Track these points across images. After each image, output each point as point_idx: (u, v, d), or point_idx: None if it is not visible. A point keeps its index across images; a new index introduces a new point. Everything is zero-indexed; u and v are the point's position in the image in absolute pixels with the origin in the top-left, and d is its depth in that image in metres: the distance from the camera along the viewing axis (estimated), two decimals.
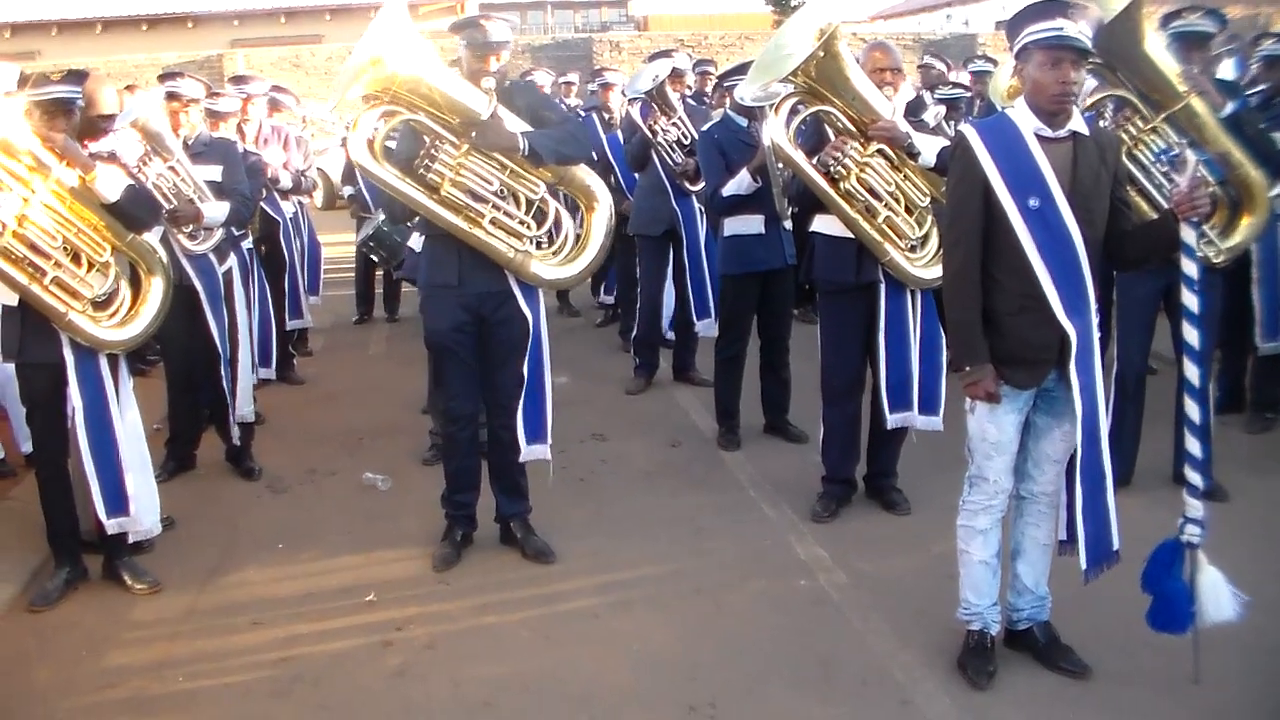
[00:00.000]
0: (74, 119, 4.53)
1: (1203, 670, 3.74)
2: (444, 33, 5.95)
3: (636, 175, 7.63)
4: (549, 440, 4.92)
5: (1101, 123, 5.21)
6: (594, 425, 6.80)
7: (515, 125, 4.43)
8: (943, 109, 7.41)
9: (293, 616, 4.50)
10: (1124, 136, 5.11)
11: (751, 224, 6.05)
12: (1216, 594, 3.67)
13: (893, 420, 5.18)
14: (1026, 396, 3.75)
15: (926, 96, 7.49)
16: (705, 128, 6.31)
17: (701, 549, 5.04)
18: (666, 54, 7.82)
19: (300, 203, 8.29)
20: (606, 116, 8.77)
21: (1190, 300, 3.62)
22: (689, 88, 8.51)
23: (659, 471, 6.07)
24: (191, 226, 5.50)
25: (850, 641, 4.19)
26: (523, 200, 4.55)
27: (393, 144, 4.48)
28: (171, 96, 5.74)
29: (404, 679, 4.00)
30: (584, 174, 4.69)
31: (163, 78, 5.95)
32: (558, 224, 4.65)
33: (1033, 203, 3.59)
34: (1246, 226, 5.24)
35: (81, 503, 4.71)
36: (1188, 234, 3.57)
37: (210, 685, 4.00)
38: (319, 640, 4.29)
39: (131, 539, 4.83)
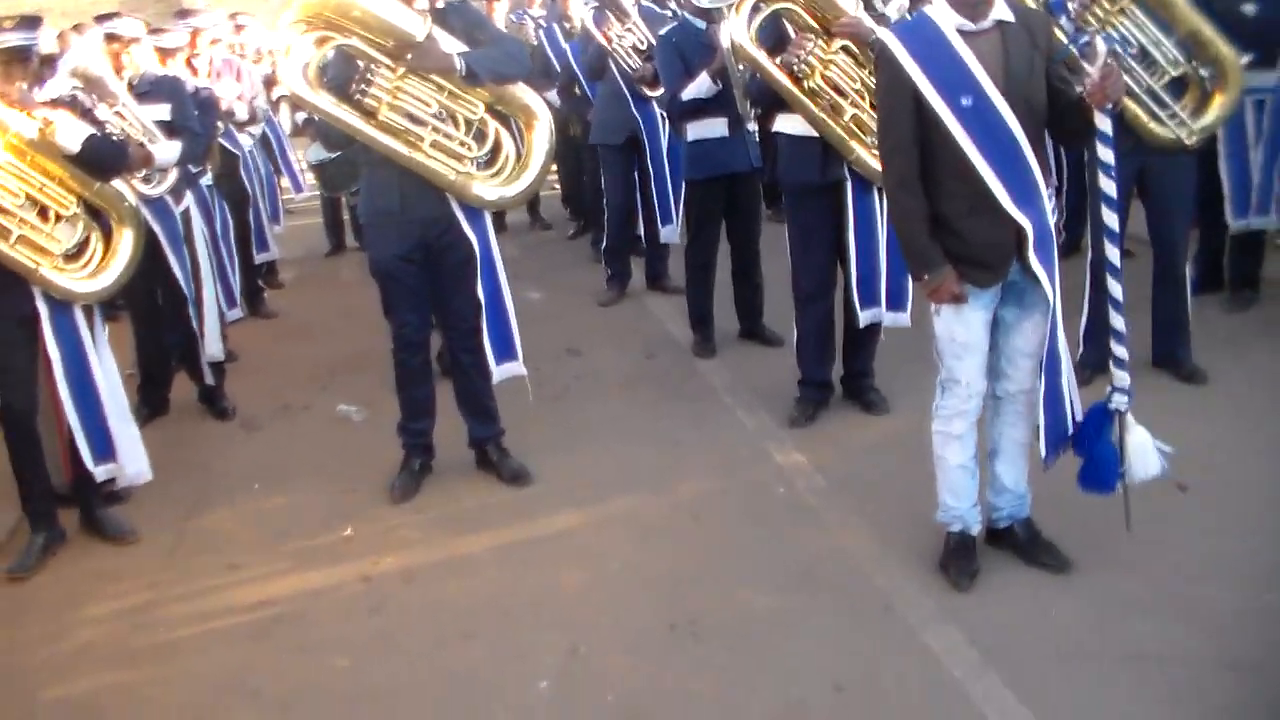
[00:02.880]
0: (30, 68, 4.44)
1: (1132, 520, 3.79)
2: None
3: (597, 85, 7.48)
4: (519, 356, 4.85)
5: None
6: (567, 340, 6.73)
7: (451, 46, 4.31)
8: (906, 1, 7.23)
9: (270, 557, 4.47)
10: (1091, 19, 5.00)
11: (714, 127, 5.92)
12: (1144, 453, 3.70)
13: (864, 317, 5.11)
14: (992, 293, 3.67)
15: None
16: (663, 32, 6.18)
17: (679, 462, 5.01)
18: None
19: (256, 135, 8.11)
20: (567, 26, 8.58)
21: (1107, 185, 3.55)
22: None
23: (634, 383, 6.02)
24: (144, 170, 5.36)
25: (830, 548, 4.17)
26: (462, 121, 4.43)
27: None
28: (110, 38, 5.54)
29: (382, 615, 3.98)
30: (522, 92, 4.56)
31: (99, 19, 5.76)
32: (498, 144, 4.53)
33: (965, 101, 3.46)
34: (1219, 105, 5.17)
35: (51, 457, 4.67)
36: (1102, 122, 3.47)
37: (191, 633, 3.98)
38: (297, 580, 4.27)
39: (121, 484, 4.81)
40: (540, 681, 3.50)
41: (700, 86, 5.72)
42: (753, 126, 6.00)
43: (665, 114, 6.91)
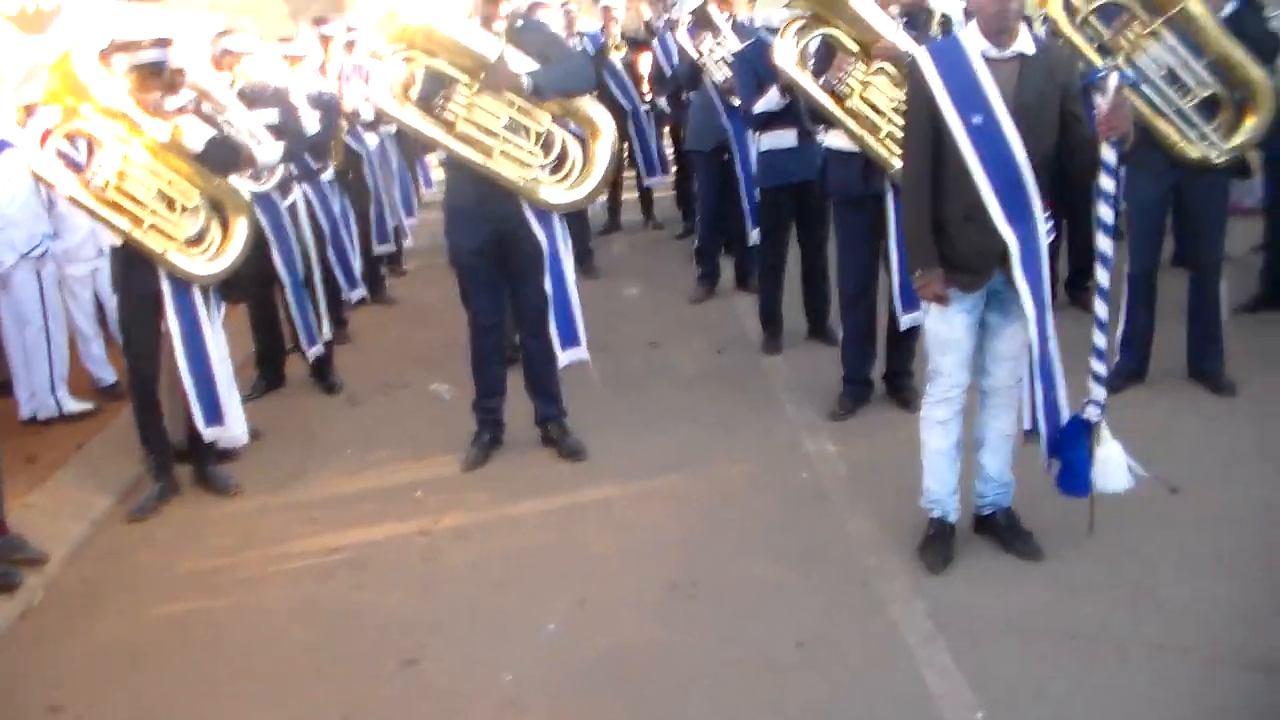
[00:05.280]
0: (163, 80, 5.14)
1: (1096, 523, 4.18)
2: None
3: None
4: (583, 343, 5.38)
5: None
6: (653, 334, 7.28)
7: (521, 65, 4.85)
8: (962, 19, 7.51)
9: (347, 513, 5.10)
10: (1124, 42, 5.25)
11: (784, 138, 6.35)
12: (1108, 466, 4.03)
13: (905, 320, 5.50)
14: (975, 298, 4.04)
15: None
16: (740, 47, 6.62)
17: (723, 446, 5.48)
18: None
19: (384, 134, 8.78)
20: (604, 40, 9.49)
21: (1105, 213, 3.88)
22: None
23: (702, 376, 6.51)
24: (250, 170, 6.03)
25: (833, 529, 4.60)
26: (531, 132, 4.97)
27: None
28: (225, 52, 6.28)
29: (432, 563, 4.58)
30: (588, 105, 5.09)
31: (218, 35, 6.49)
32: (564, 152, 5.06)
33: (976, 119, 3.84)
34: (1250, 127, 5.34)
35: (173, 418, 5.38)
36: (1107, 153, 3.80)
37: (269, 571, 4.65)
38: (365, 532, 4.89)
39: (222, 445, 5.50)
40: (549, 625, 4.04)
41: (770, 100, 6.12)
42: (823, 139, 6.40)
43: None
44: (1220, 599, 3.87)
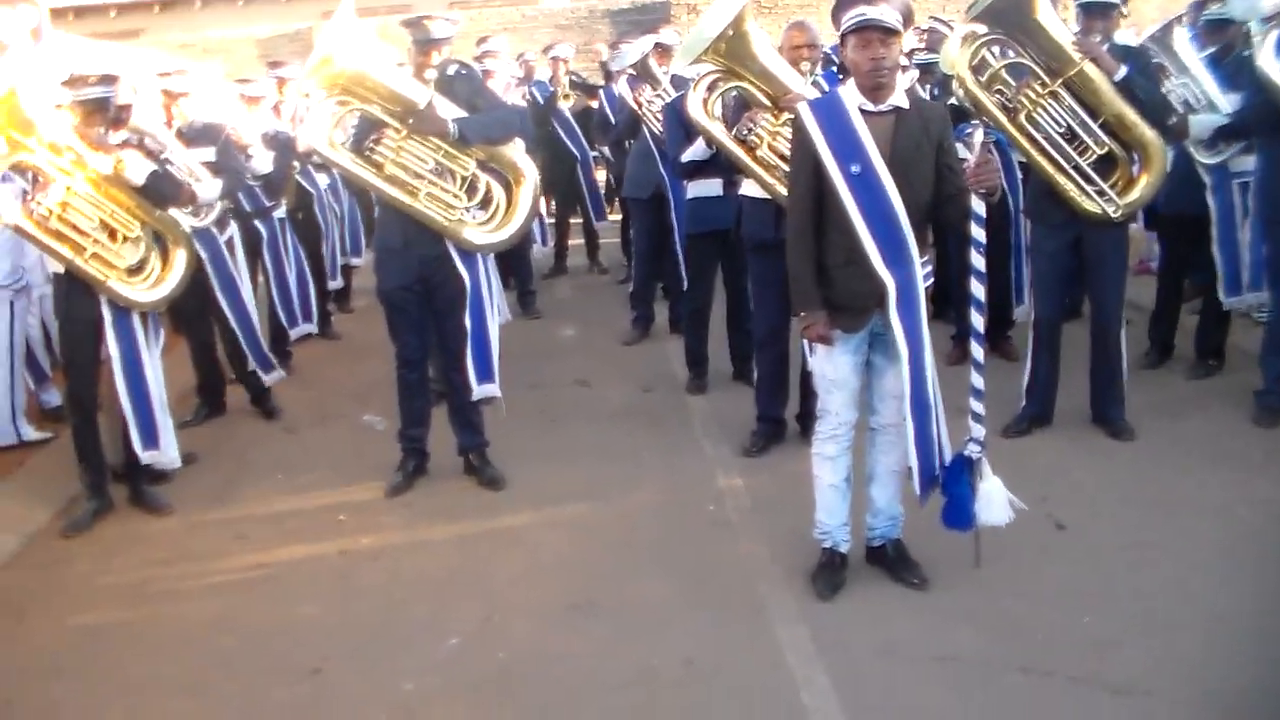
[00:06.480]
0: (109, 115, 5.41)
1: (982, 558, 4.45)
2: None
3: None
4: (496, 380, 5.63)
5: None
6: (584, 372, 7.54)
7: (449, 112, 5.13)
8: (916, 73, 7.87)
9: (273, 532, 5.33)
10: (1024, 100, 5.56)
11: (710, 187, 6.61)
12: (990, 500, 4.30)
13: (813, 362, 5.76)
14: (859, 339, 4.31)
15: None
16: (671, 99, 6.93)
17: (638, 478, 5.74)
18: (654, 30, 8.45)
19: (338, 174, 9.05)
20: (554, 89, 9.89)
21: (976, 260, 4.18)
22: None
23: (626, 413, 6.76)
24: (189, 206, 6.25)
25: (732, 557, 4.84)
26: (456, 176, 5.25)
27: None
28: (164, 92, 6.55)
29: (347, 580, 4.81)
30: (512, 152, 5.37)
31: (160, 75, 6.75)
32: (488, 196, 5.33)
33: (854, 169, 4.11)
34: (1144, 185, 5.64)
35: (111, 439, 5.59)
36: (976, 204, 4.10)
37: (193, 584, 4.87)
38: (287, 550, 5.11)
39: (156, 467, 5.69)
40: (452, 639, 4.27)
41: (697, 150, 6.35)
42: None
43: None
44: (1085, 627, 4.13)
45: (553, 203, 10.60)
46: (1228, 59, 6.53)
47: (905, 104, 4.18)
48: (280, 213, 7.64)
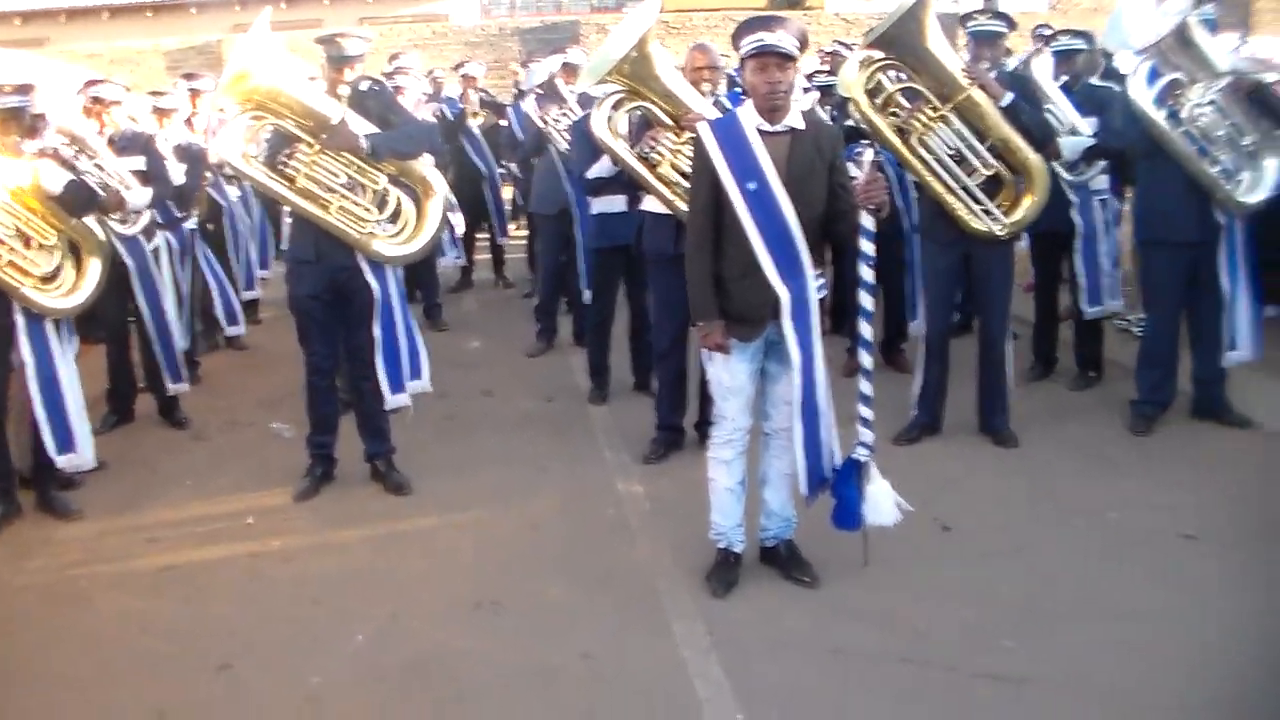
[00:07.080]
0: (24, 124, 5.47)
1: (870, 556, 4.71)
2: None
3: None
4: (407, 389, 5.79)
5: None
6: (489, 383, 7.71)
7: (361, 128, 5.29)
8: (817, 94, 8.18)
9: (184, 535, 5.43)
10: (916, 124, 5.85)
11: (615, 203, 6.79)
12: (878, 501, 4.55)
13: (710, 370, 5.98)
14: (754, 348, 4.52)
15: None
16: (579, 118, 7.13)
17: (540, 484, 5.92)
18: (562, 49, 8.67)
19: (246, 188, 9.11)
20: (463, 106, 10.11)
21: (866, 273, 4.43)
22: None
23: (529, 422, 6.95)
24: (119, 213, 6.36)
25: (631, 558, 5.04)
26: (368, 190, 5.41)
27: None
28: (95, 100, 6.62)
29: (256, 580, 4.93)
30: (422, 167, 5.54)
31: (87, 84, 6.82)
32: (398, 210, 5.50)
33: (751, 185, 4.34)
34: (1028, 205, 5.95)
35: (19, 445, 5.62)
36: (866, 220, 4.35)
37: (105, 586, 4.93)
38: (198, 552, 5.22)
39: (70, 470, 5.73)
40: (359, 636, 4.42)
41: (602, 167, 6.50)
42: None
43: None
44: (963, 620, 4.40)
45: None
46: (1077, 87, 7.06)
47: (801, 125, 4.41)
48: (191, 224, 7.69)
